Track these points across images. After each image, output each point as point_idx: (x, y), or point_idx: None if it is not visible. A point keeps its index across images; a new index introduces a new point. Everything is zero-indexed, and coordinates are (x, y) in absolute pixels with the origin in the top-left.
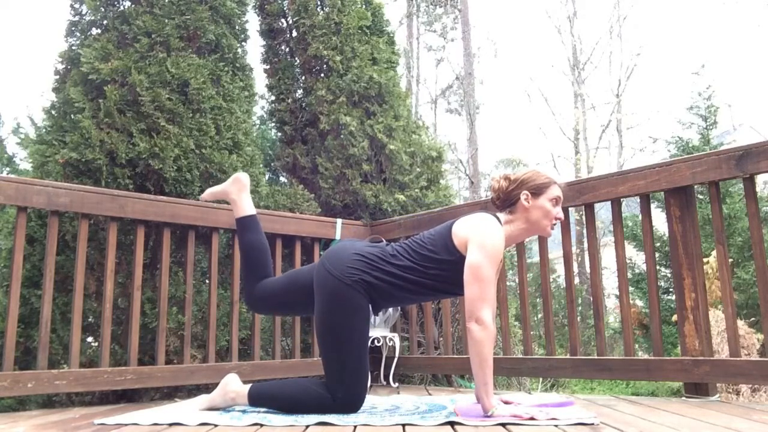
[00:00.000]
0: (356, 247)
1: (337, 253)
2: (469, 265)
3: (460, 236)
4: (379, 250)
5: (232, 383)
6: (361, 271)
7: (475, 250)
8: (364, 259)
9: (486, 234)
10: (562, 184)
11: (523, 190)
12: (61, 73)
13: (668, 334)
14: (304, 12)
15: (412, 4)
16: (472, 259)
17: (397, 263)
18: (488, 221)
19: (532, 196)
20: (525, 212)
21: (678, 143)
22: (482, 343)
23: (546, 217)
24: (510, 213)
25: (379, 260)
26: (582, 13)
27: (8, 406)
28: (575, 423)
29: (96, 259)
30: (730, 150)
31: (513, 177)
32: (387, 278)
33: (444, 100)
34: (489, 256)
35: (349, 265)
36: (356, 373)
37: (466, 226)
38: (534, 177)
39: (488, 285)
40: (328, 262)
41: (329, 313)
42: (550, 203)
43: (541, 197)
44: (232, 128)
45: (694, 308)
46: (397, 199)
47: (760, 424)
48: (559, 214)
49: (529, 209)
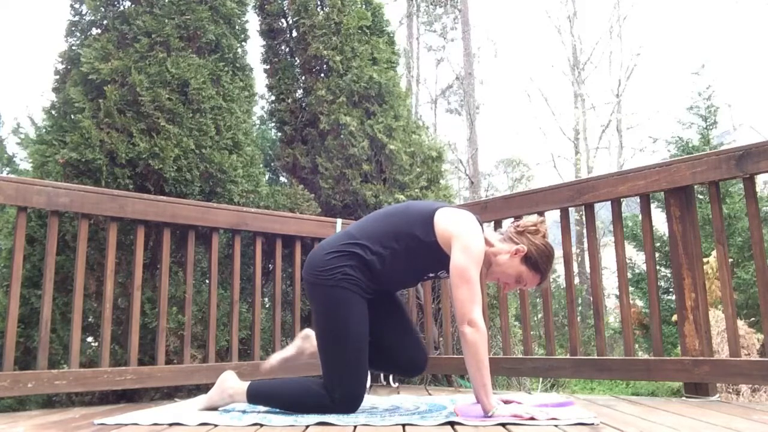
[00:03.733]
0: (325, 247)
1: (311, 260)
2: (455, 267)
3: (442, 227)
4: (345, 236)
5: (230, 380)
6: (340, 266)
7: (459, 252)
8: (337, 254)
9: (470, 238)
10: (543, 284)
11: (525, 247)
12: (61, 73)
13: (668, 334)
14: (304, 12)
15: (412, 4)
16: (457, 261)
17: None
18: (473, 225)
19: (523, 258)
20: (507, 255)
21: (678, 143)
22: (477, 345)
23: (509, 276)
24: (502, 241)
25: (350, 245)
26: (582, 13)
27: (8, 406)
28: (575, 423)
29: (96, 259)
30: (730, 150)
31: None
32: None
33: (444, 100)
34: (474, 259)
35: (325, 267)
36: (354, 373)
37: (452, 221)
38: (543, 254)
39: (476, 286)
40: (306, 273)
41: (323, 317)
42: (523, 275)
43: (525, 266)
44: (232, 128)
45: (694, 308)
46: (397, 199)
47: (760, 424)
48: (515, 286)
49: (510, 259)
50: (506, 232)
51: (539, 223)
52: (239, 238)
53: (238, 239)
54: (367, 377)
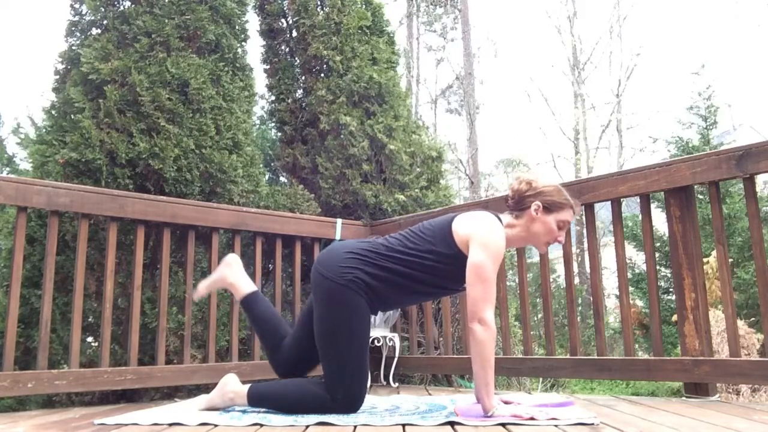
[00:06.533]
0: (347, 246)
1: (329, 254)
2: (472, 265)
3: (461, 233)
4: (370, 245)
5: (231, 383)
6: (355, 268)
7: (478, 249)
8: (357, 257)
9: (489, 234)
10: (577, 211)
11: (537, 200)
12: (61, 73)
13: (668, 334)
14: (304, 12)
15: (412, 4)
16: (475, 258)
17: (391, 255)
18: (490, 221)
19: (543, 209)
20: (530, 221)
21: (678, 143)
22: (485, 343)
23: (547, 234)
24: (515, 217)
25: (372, 254)
26: (582, 13)
27: (8, 406)
28: (575, 423)
29: (96, 259)
30: (730, 150)
31: (534, 184)
32: (382, 273)
33: (444, 100)
34: (492, 256)
35: (341, 264)
36: (355, 374)
37: (468, 224)
38: (553, 193)
39: (491, 285)
40: (320, 265)
41: (327, 315)
42: (557, 224)
43: (551, 215)
44: (232, 128)
45: (694, 308)
46: (397, 199)
47: (760, 424)
48: (561, 237)
49: (534, 220)
50: (511, 210)
51: (522, 181)
52: (239, 238)
53: (238, 239)
54: (368, 378)
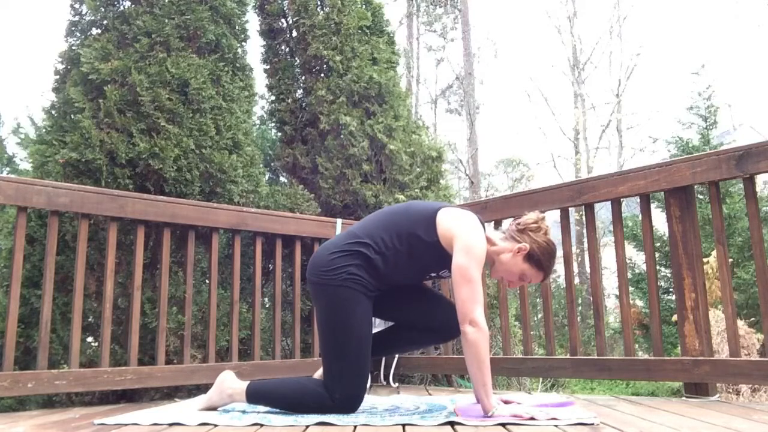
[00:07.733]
0: (329, 248)
1: (315, 260)
2: (457, 267)
3: (444, 227)
4: (350, 235)
5: (229, 380)
6: (346, 264)
7: (461, 252)
8: (342, 253)
9: (472, 238)
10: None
11: (527, 245)
12: (61, 73)
13: (668, 334)
14: (304, 12)
15: (412, 4)
16: (459, 261)
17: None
18: (475, 225)
19: (526, 256)
20: (507, 251)
21: (678, 143)
22: (478, 345)
23: (509, 273)
24: (504, 239)
25: (355, 245)
26: (582, 13)
27: (8, 406)
28: (575, 423)
29: (96, 259)
30: (730, 150)
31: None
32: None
33: (444, 100)
34: (476, 260)
35: (331, 267)
36: (355, 374)
37: (453, 222)
38: (545, 252)
39: (478, 285)
40: (310, 273)
41: (326, 317)
42: (526, 272)
43: (527, 264)
44: (232, 128)
45: (694, 308)
46: (397, 199)
47: (760, 424)
48: (514, 285)
49: (513, 257)
50: (508, 231)
51: (540, 220)
52: (239, 238)
53: (238, 239)
54: (367, 378)
